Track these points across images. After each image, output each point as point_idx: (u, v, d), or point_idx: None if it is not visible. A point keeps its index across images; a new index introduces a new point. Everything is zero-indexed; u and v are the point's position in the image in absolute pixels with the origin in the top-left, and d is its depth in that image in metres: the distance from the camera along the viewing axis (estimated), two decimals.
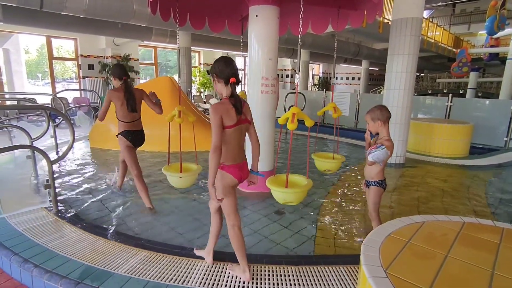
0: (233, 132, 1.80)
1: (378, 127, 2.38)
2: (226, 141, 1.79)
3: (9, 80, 11.20)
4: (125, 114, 2.98)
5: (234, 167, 1.87)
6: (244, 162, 1.95)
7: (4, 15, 6.87)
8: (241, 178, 1.92)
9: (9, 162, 4.53)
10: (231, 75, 1.81)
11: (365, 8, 3.48)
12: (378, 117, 2.37)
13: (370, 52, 15.40)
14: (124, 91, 2.96)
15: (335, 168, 3.61)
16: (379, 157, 2.26)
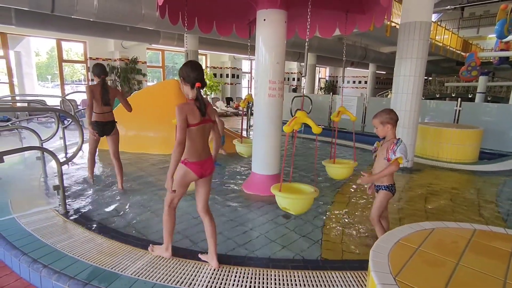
0: (197, 130, 1.95)
1: (388, 131, 2.36)
2: (191, 138, 1.94)
3: (20, 82, 11.39)
4: (99, 107, 3.46)
5: (196, 164, 1.99)
6: (207, 158, 2.07)
7: (16, 19, 7.02)
8: (201, 175, 2.03)
9: (19, 163, 4.60)
10: (197, 80, 1.94)
11: (373, 12, 3.47)
12: (387, 120, 2.35)
13: (377, 55, 15.33)
14: (101, 87, 3.43)
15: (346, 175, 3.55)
16: (403, 150, 2.20)
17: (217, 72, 15.57)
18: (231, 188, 3.79)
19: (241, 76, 16.40)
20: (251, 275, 2.04)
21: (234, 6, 3.91)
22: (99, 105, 3.47)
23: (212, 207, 3.20)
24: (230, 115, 13.16)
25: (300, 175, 4.40)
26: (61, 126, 5.04)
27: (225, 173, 4.38)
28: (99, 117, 3.50)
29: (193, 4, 3.51)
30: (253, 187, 3.60)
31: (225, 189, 3.73)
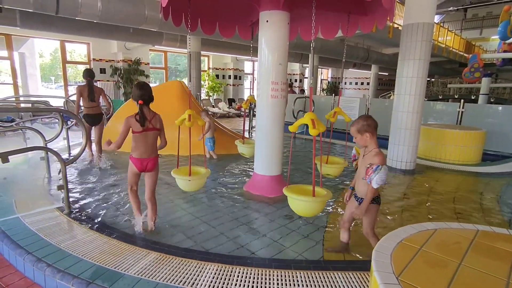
0: (139, 136, 2.48)
1: (367, 140, 2.15)
2: (135, 140, 2.50)
3: (24, 83, 11.48)
4: (87, 103, 4.53)
5: (137, 160, 2.53)
6: (150, 158, 2.56)
7: (21, 20, 7.09)
8: (142, 169, 2.58)
9: (23, 163, 4.64)
10: (139, 97, 2.45)
11: (376, 14, 3.48)
12: (365, 129, 2.14)
13: (379, 57, 15.33)
14: (88, 87, 4.49)
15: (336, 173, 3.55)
16: (382, 179, 2.01)
17: (219, 73, 15.62)
18: (234, 188, 3.80)
19: (243, 77, 16.43)
20: (254, 275, 2.05)
21: (237, 8, 3.93)
22: (86, 101, 4.52)
23: (215, 207, 3.23)
24: (232, 116, 13.18)
25: (301, 175, 4.40)
26: (64, 126, 5.07)
27: (227, 174, 4.39)
28: (88, 111, 4.58)
29: (196, 6, 3.53)
30: (255, 187, 3.61)
31: (227, 190, 3.74)
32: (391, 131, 5.00)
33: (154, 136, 2.58)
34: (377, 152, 2.10)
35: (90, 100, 4.50)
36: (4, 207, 2.97)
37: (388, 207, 3.36)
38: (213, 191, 3.68)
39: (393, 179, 4.48)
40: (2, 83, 11.94)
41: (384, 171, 2.01)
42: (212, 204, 3.32)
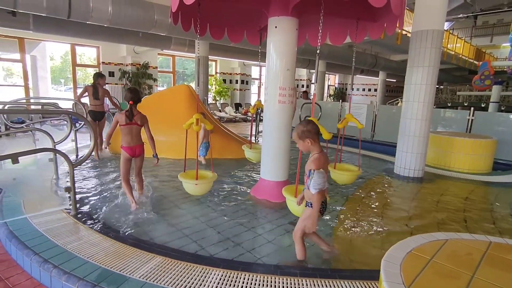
0: (126, 128, 3.14)
1: (309, 146, 2.11)
2: (123, 132, 3.15)
3: (34, 85, 11.69)
4: (92, 100, 5.29)
5: (126, 147, 3.17)
6: (136, 145, 3.21)
7: (34, 24, 7.24)
8: (132, 155, 3.20)
9: (32, 164, 4.70)
10: (130, 99, 3.14)
11: (385, 20, 3.46)
12: (306, 135, 2.09)
13: (387, 63, 15.27)
14: (93, 87, 5.29)
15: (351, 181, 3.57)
16: (318, 183, 1.98)
17: (226, 78, 15.71)
18: (240, 193, 3.79)
19: (250, 82, 16.50)
20: (259, 281, 2.02)
21: (246, 13, 3.96)
22: (91, 99, 5.27)
23: (221, 211, 3.21)
24: (239, 121, 13.21)
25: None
26: (73, 128, 5.13)
27: (234, 178, 4.38)
28: (92, 107, 5.34)
29: (205, 11, 3.57)
30: (261, 192, 3.59)
31: (233, 194, 3.73)
32: (399, 138, 4.95)
33: (137, 129, 3.22)
34: (313, 158, 2.08)
35: (94, 98, 5.27)
36: (13, 208, 3.00)
37: (396, 215, 3.31)
38: (220, 195, 3.68)
39: (401, 187, 4.42)
40: (13, 85, 12.16)
41: (318, 175, 1.99)
42: (218, 208, 3.31)
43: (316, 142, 2.11)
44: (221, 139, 5.41)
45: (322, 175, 2.00)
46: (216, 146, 4.87)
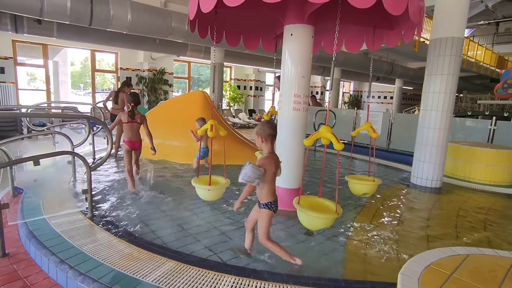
0: (128, 125, 3.80)
1: (261, 143, 2.28)
2: (125, 129, 3.84)
3: (55, 90, 12.12)
4: (113, 105, 5.99)
5: (127, 142, 3.84)
6: (136, 141, 3.90)
7: (57, 31, 7.54)
8: (132, 148, 3.89)
9: (51, 166, 4.84)
10: (132, 102, 3.79)
11: (402, 28, 3.42)
12: (260, 132, 2.26)
13: (404, 71, 15.02)
14: (116, 93, 5.97)
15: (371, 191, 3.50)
16: (247, 174, 2.09)
17: (240, 84, 15.83)
18: (252, 200, 3.77)
19: (264, 89, 16.56)
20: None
21: (262, 21, 3.99)
22: (112, 103, 5.99)
23: (233, 218, 3.21)
24: (252, 127, 13.25)
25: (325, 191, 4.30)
26: (91, 132, 5.27)
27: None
28: (112, 111, 6.02)
29: (221, 19, 3.62)
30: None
31: (245, 201, 3.71)
32: (416, 147, 4.83)
33: (137, 126, 3.87)
34: (262, 157, 2.27)
35: (114, 102, 5.95)
36: (33, 208, 3.09)
37: (413, 226, 3.22)
38: (232, 201, 3.67)
39: (418, 197, 4.30)
40: (36, 89, 12.65)
41: (248, 168, 2.11)
42: (230, 215, 3.30)
43: (267, 142, 2.26)
44: (234, 145, 5.43)
45: (254, 170, 2.12)
46: (229, 152, 4.86)
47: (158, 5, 9.00)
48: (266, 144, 2.26)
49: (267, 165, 2.20)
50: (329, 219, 2.45)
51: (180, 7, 9.48)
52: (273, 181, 2.28)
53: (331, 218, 2.45)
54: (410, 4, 2.42)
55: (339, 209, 2.44)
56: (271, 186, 2.27)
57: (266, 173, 2.19)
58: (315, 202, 2.64)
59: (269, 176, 2.22)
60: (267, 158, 2.24)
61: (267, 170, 2.19)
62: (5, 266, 2.32)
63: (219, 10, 3.05)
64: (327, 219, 2.45)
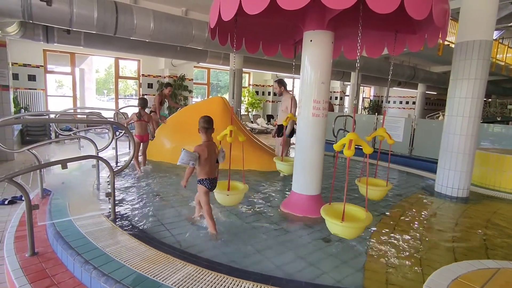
0: (137, 123, 4.90)
1: (200, 134, 2.94)
2: (136, 126, 4.94)
3: (81, 96, 12.65)
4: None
5: (138, 135, 4.94)
6: (144, 134, 5.02)
7: (84, 40, 7.91)
8: (141, 140, 5.01)
9: (77, 169, 5.03)
10: (140, 105, 4.91)
11: (426, 32, 3.34)
12: (199, 125, 2.93)
13: (427, 75, 14.58)
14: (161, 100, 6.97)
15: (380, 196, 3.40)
16: (182, 158, 2.70)
17: (259, 90, 15.91)
18: (270, 206, 3.76)
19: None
20: None
21: (281, 28, 4.01)
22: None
23: (251, 224, 3.20)
24: (270, 132, 13.23)
25: (343, 195, 4.23)
26: (114, 137, 5.44)
27: (265, 191, 4.36)
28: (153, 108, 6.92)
29: (241, 26, 3.67)
30: (292, 206, 3.54)
31: (264, 207, 3.71)
32: (440, 155, 4.66)
33: (145, 124, 4.99)
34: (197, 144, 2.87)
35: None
36: (60, 209, 3.23)
37: (438, 237, 3.09)
38: (250, 207, 3.68)
39: (443, 206, 4.13)
40: (63, 96, 13.24)
41: (183, 153, 2.72)
42: (248, 220, 3.31)
43: (203, 133, 2.93)
44: (252, 151, 5.44)
45: (188, 155, 2.72)
46: (247, 158, 4.89)
47: (179, 14, 9.25)
48: (202, 134, 2.93)
49: (200, 151, 2.81)
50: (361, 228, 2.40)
51: (200, 15, 9.70)
52: (207, 163, 2.86)
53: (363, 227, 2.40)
54: (434, 7, 2.36)
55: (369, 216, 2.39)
56: (204, 167, 2.86)
57: (200, 157, 2.79)
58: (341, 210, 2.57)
59: (202, 159, 2.81)
60: (201, 145, 2.85)
61: (201, 155, 2.80)
62: (34, 265, 2.43)
63: (239, 18, 3.10)
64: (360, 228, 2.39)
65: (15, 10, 5.14)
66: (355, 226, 2.36)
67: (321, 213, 2.41)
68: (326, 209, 2.45)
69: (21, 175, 2.56)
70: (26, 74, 9.77)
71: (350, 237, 2.46)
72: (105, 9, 5.97)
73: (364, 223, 2.36)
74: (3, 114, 6.30)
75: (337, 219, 2.33)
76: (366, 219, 2.37)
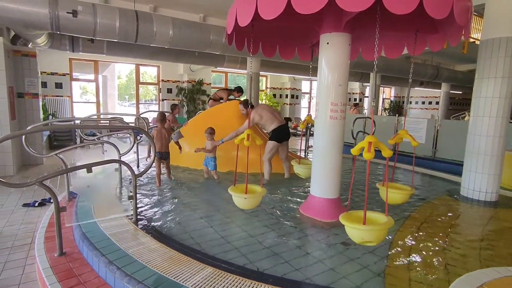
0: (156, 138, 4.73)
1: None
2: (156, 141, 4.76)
3: (104, 102, 13.13)
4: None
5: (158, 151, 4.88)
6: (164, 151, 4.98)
7: (107, 48, 8.25)
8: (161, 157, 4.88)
9: (101, 173, 5.22)
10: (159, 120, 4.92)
11: (448, 31, 3.24)
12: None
13: (451, 74, 14.05)
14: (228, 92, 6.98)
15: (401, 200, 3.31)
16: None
17: (276, 93, 15.91)
18: (289, 209, 3.75)
19: (300, 97, 16.47)
20: None
21: (297, 31, 4.02)
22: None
23: (269, 226, 3.21)
24: None
25: (362, 199, 4.16)
26: (135, 141, 5.61)
27: (282, 194, 4.36)
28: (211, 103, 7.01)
29: (258, 31, 3.70)
30: (311, 210, 3.52)
31: (282, 210, 3.70)
32: (466, 157, 4.49)
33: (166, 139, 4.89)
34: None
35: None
36: (85, 211, 3.37)
37: (463, 243, 2.97)
38: (268, 210, 3.68)
39: (469, 211, 3.98)
40: (87, 102, 13.81)
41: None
42: (266, 223, 3.31)
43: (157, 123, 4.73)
44: None
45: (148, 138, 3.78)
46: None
47: (197, 20, 9.44)
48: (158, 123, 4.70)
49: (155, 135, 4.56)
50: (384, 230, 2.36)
51: (218, 21, 9.85)
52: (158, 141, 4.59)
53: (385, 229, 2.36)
54: (455, 6, 2.30)
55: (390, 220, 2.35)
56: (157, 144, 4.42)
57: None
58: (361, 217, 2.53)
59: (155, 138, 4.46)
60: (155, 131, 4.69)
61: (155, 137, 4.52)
62: (63, 264, 2.55)
63: (255, 23, 3.13)
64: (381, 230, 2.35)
65: (45, 22, 5.43)
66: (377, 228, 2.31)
67: (341, 221, 2.38)
68: (346, 216, 2.42)
69: (49, 178, 2.70)
70: (54, 82, 10.27)
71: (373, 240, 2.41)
72: (127, 18, 6.19)
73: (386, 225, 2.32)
74: (33, 121, 6.65)
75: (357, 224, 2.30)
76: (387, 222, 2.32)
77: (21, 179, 5.82)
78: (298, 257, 2.62)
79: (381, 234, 2.35)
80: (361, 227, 2.26)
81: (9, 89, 6.05)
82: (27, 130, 3.37)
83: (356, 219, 2.38)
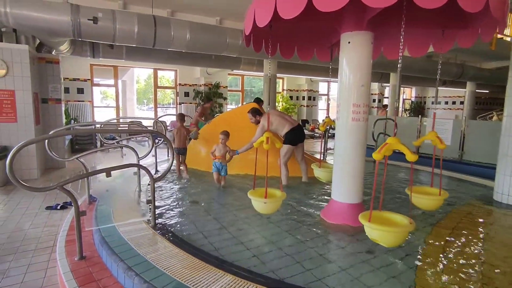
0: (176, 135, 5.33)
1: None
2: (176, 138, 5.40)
3: (123, 106, 13.41)
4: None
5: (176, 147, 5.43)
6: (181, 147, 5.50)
7: (126, 54, 8.42)
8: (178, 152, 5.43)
9: (119, 177, 5.28)
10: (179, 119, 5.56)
11: (480, 26, 3.04)
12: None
13: (477, 72, 13.44)
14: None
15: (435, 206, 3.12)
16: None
17: (293, 95, 15.78)
18: (309, 214, 3.64)
19: (317, 98, 16.26)
20: None
21: (316, 31, 3.91)
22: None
23: (289, 232, 3.11)
24: (306, 138, 13.03)
25: (385, 204, 3.98)
26: (154, 145, 5.65)
27: (302, 198, 4.24)
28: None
29: (276, 32, 3.63)
30: (333, 215, 3.39)
31: (302, 215, 3.59)
32: (499, 159, 4.22)
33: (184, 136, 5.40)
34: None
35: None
36: (105, 216, 3.38)
37: (497, 253, 2.76)
38: (288, 215, 3.58)
39: (504, 217, 3.72)
40: (107, 106, 14.17)
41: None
42: (286, 229, 3.21)
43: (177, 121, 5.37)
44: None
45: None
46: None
47: (214, 23, 9.49)
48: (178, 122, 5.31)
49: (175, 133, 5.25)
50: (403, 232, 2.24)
51: (235, 23, 9.86)
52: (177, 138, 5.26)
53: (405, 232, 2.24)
54: None
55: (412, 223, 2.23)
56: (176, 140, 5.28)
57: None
58: (383, 218, 2.42)
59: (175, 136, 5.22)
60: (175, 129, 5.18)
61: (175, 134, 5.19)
62: (83, 268, 2.55)
63: (274, 23, 3.06)
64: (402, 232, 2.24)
65: (67, 30, 5.59)
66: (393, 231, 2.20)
67: (360, 220, 2.29)
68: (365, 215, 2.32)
69: (71, 182, 2.71)
70: (76, 88, 10.60)
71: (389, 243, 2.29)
72: (145, 23, 6.28)
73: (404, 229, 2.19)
74: (56, 126, 6.85)
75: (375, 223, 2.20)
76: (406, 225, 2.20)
77: (44, 182, 5.98)
78: (321, 265, 2.50)
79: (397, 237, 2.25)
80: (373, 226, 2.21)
81: (34, 95, 6.25)
82: (49, 134, 3.43)
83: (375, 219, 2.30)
